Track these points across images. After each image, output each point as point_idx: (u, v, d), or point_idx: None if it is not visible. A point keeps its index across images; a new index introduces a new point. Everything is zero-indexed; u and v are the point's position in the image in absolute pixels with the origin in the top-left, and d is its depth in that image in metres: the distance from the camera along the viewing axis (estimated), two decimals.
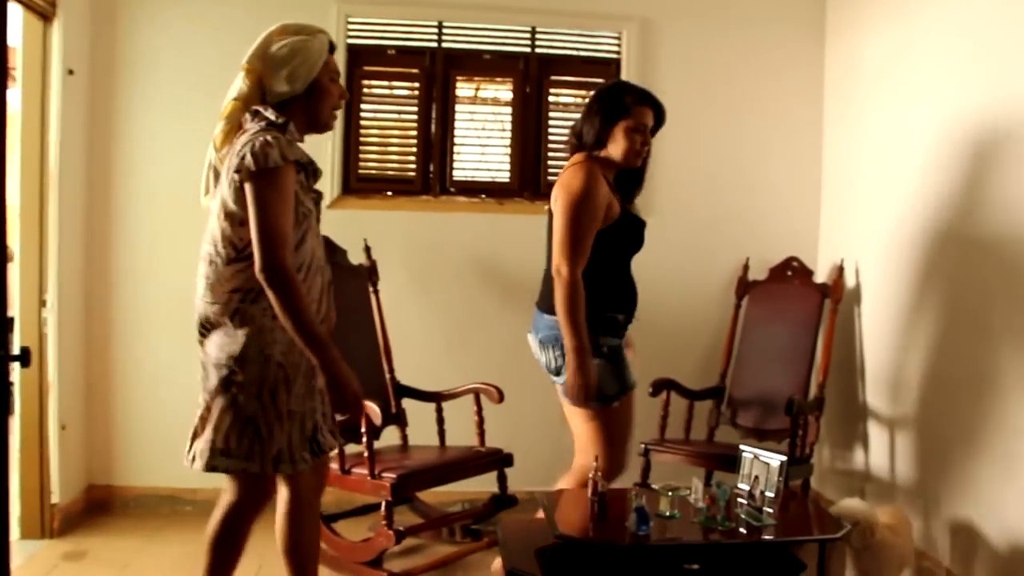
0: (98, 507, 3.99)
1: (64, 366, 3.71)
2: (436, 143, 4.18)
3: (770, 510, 2.62)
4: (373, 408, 3.09)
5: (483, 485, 3.58)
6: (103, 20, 3.94)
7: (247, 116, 2.40)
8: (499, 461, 3.48)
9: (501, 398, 3.53)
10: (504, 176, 4.24)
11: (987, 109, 3.13)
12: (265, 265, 2.22)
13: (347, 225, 3.84)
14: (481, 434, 3.59)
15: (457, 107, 4.20)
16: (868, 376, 3.89)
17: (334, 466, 3.26)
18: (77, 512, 3.85)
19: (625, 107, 2.96)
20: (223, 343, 2.35)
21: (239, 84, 2.43)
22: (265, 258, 2.22)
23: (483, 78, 4.26)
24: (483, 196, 4.21)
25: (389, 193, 4.17)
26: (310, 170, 2.41)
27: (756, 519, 2.59)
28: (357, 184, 4.13)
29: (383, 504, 3.15)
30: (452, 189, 4.20)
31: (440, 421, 3.67)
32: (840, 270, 3.95)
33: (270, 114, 2.37)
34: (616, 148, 2.97)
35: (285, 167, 2.26)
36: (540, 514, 2.88)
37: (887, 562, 2.90)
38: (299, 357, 2.35)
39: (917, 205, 3.53)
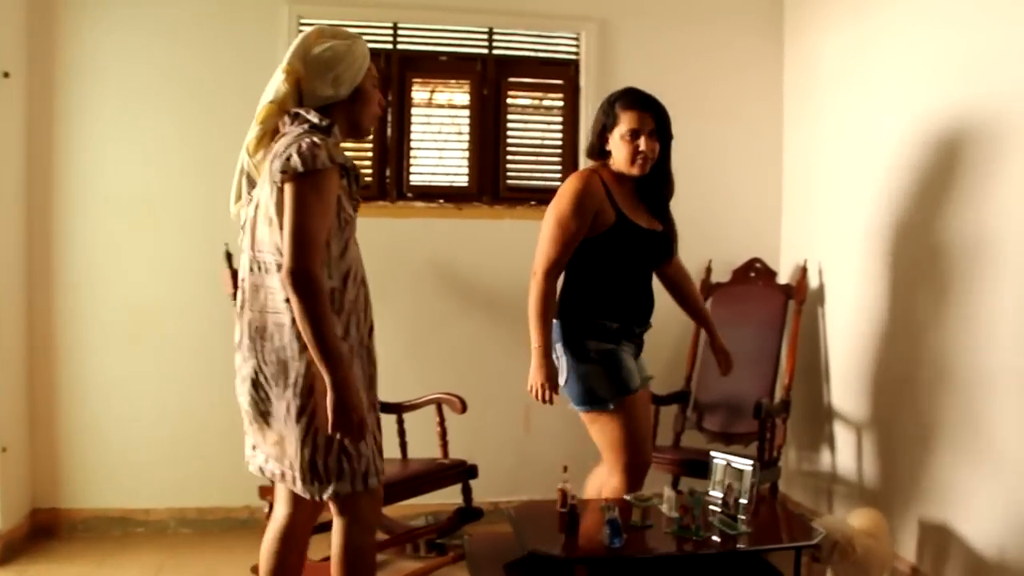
0: (43, 532, 3.82)
1: (3, 383, 3.54)
2: (392, 147, 4.07)
3: (743, 517, 2.56)
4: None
5: (447, 497, 3.48)
6: (41, 21, 3.78)
7: (286, 119, 2.32)
8: (463, 473, 3.38)
9: (464, 408, 3.43)
10: (463, 180, 4.15)
11: (947, 109, 3.12)
12: (294, 269, 2.10)
13: None
14: (444, 445, 3.49)
15: (413, 110, 4.10)
16: (833, 377, 3.87)
17: None
18: (20, 538, 3.67)
19: (615, 114, 2.93)
20: (285, 358, 2.23)
21: (276, 86, 2.33)
22: (296, 262, 2.11)
23: (440, 80, 4.16)
24: (441, 201, 4.12)
25: None
26: (353, 175, 2.32)
27: (730, 527, 2.53)
28: None
29: None
30: (409, 194, 4.10)
31: (401, 433, 3.56)
32: (803, 271, 3.93)
33: (313, 117, 2.27)
34: (616, 156, 2.95)
35: (331, 170, 2.17)
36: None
37: (869, 569, 2.86)
38: (359, 369, 2.28)
39: (879, 205, 3.51)
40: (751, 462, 2.64)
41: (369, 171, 4.06)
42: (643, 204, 3.04)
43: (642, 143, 2.91)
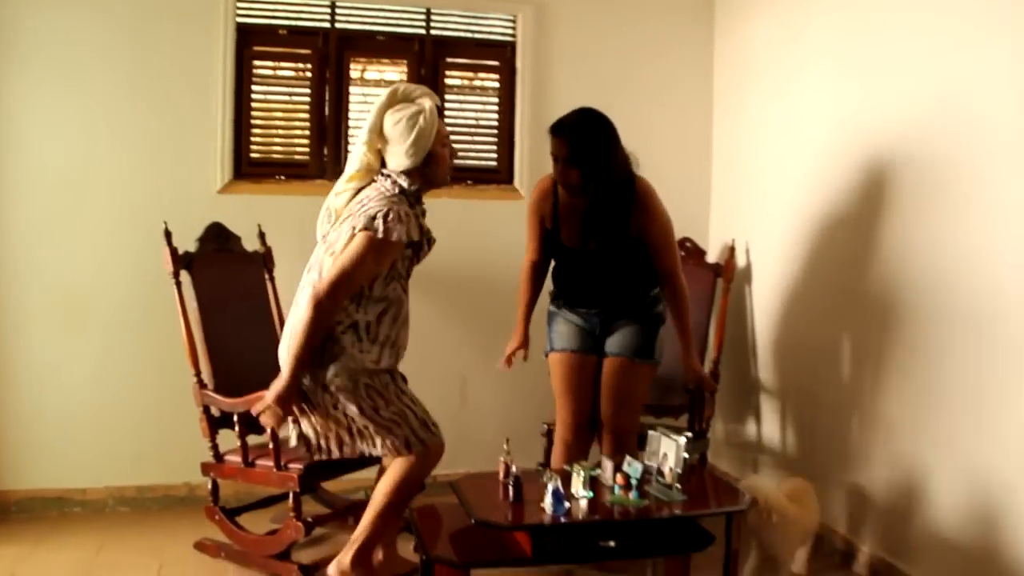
0: None
1: None
2: (330, 126, 4.09)
3: (678, 486, 2.70)
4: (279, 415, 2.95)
5: None
6: None
7: (379, 176, 2.81)
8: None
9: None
10: None
11: (872, 99, 3.29)
12: (322, 299, 2.66)
13: (240, 210, 3.73)
14: None
15: (351, 89, 4.12)
16: (759, 352, 4.05)
17: (237, 459, 3.20)
18: None
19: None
20: (336, 369, 2.76)
21: (359, 157, 2.82)
22: (327, 295, 2.67)
23: (377, 60, 4.18)
24: None
25: (282, 177, 4.06)
26: (421, 246, 2.84)
27: (666, 495, 2.67)
28: (249, 168, 4.00)
29: (291, 495, 3.08)
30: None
31: None
32: (731, 250, 4.09)
33: (403, 181, 2.78)
34: None
35: (398, 245, 2.69)
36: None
37: (789, 536, 3.03)
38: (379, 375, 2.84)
39: (804, 189, 3.69)
40: (684, 434, 2.77)
41: (306, 149, 4.07)
42: (586, 221, 3.19)
43: (561, 166, 3.11)
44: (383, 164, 2.86)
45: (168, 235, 3.29)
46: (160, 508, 3.94)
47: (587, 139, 3.08)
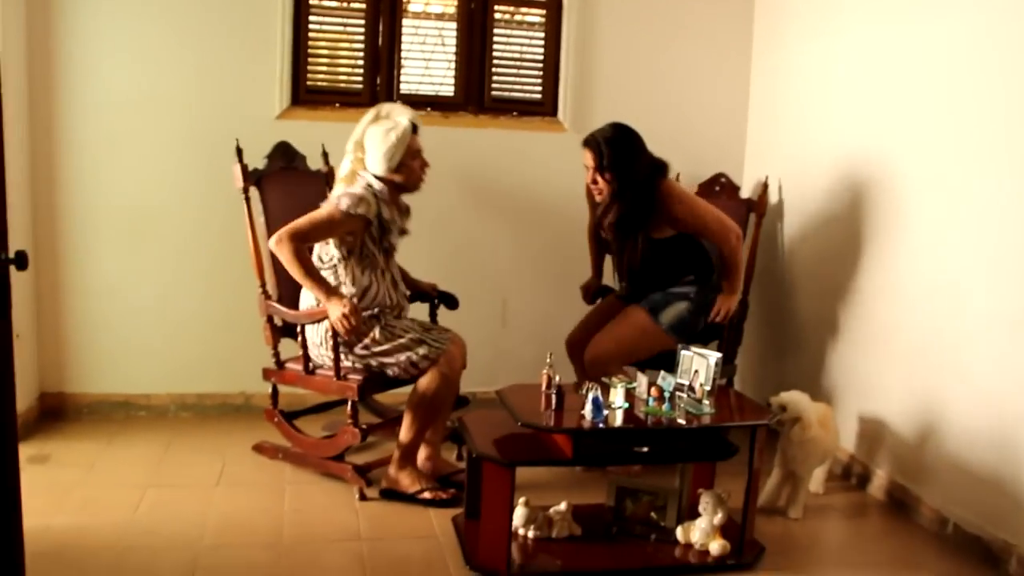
0: (52, 415, 4.07)
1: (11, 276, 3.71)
2: (384, 55, 4.24)
3: (707, 401, 2.91)
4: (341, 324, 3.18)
5: None
6: None
7: (358, 176, 3.31)
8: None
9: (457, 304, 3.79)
10: (448, 90, 4.35)
11: (911, 41, 3.39)
12: (284, 232, 3.12)
13: (301, 135, 3.89)
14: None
15: (404, 20, 4.26)
16: (788, 285, 4.22)
17: (298, 367, 3.43)
18: (32, 419, 3.92)
19: None
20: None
21: (348, 164, 3.33)
22: (287, 231, 3.12)
23: None
24: (428, 109, 4.31)
25: (337, 105, 4.23)
26: (392, 229, 3.32)
27: (696, 409, 2.88)
28: (307, 96, 4.18)
29: (349, 403, 3.31)
30: (398, 101, 4.28)
31: None
32: (764, 187, 4.23)
33: (374, 182, 3.28)
34: None
35: (348, 216, 3.16)
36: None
37: (812, 455, 3.25)
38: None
39: (838, 129, 3.81)
40: (715, 353, 2.97)
41: (360, 78, 4.24)
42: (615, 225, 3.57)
43: (594, 176, 3.49)
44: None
45: (239, 152, 3.49)
46: (218, 415, 4.22)
47: (613, 148, 3.44)
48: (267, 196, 3.57)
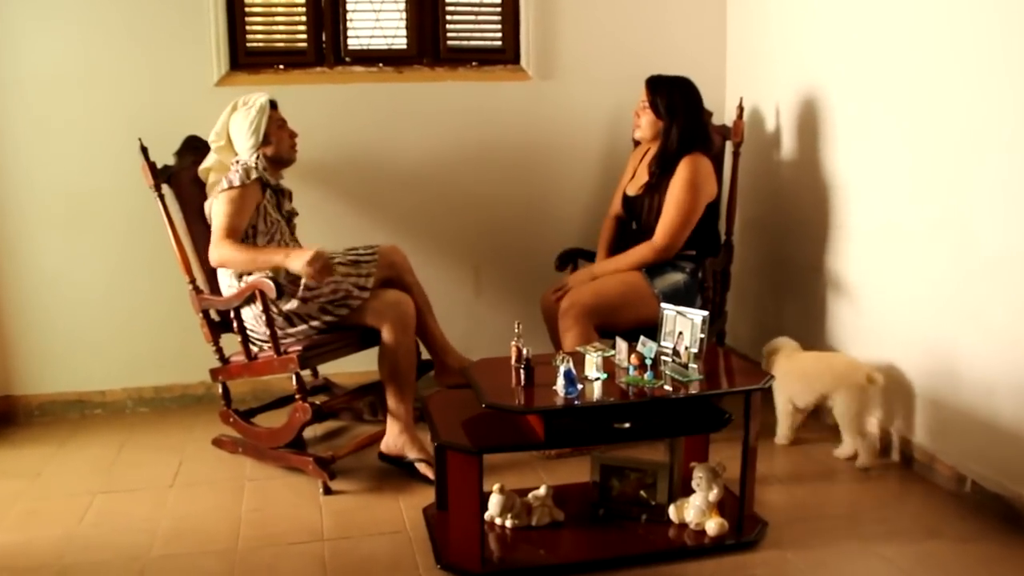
0: (0, 419, 3.80)
1: None
2: (327, 9, 3.90)
3: (695, 365, 2.63)
4: (268, 285, 2.98)
5: None
6: None
7: (232, 164, 3.26)
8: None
9: None
10: (401, 43, 4.02)
11: None
12: (214, 246, 3.17)
13: None
14: None
15: None
16: (783, 228, 3.92)
17: (241, 357, 3.21)
18: None
19: None
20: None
21: (212, 156, 3.31)
22: (215, 242, 3.17)
23: None
24: (380, 65, 3.99)
25: (281, 67, 3.91)
26: (282, 194, 3.37)
27: (682, 375, 2.60)
28: (246, 59, 3.85)
29: (293, 378, 3.07)
30: (347, 59, 3.96)
31: None
32: (740, 110, 3.83)
33: (244, 159, 3.25)
34: None
35: (243, 186, 3.16)
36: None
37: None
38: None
39: (817, 57, 3.51)
40: (700, 312, 2.68)
41: (304, 36, 3.91)
42: (648, 172, 3.51)
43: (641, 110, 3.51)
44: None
45: (144, 151, 3.20)
46: (179, 407, 3.96)
47: (670, 89, 3.46)
48: (182, 192, 3.37)
